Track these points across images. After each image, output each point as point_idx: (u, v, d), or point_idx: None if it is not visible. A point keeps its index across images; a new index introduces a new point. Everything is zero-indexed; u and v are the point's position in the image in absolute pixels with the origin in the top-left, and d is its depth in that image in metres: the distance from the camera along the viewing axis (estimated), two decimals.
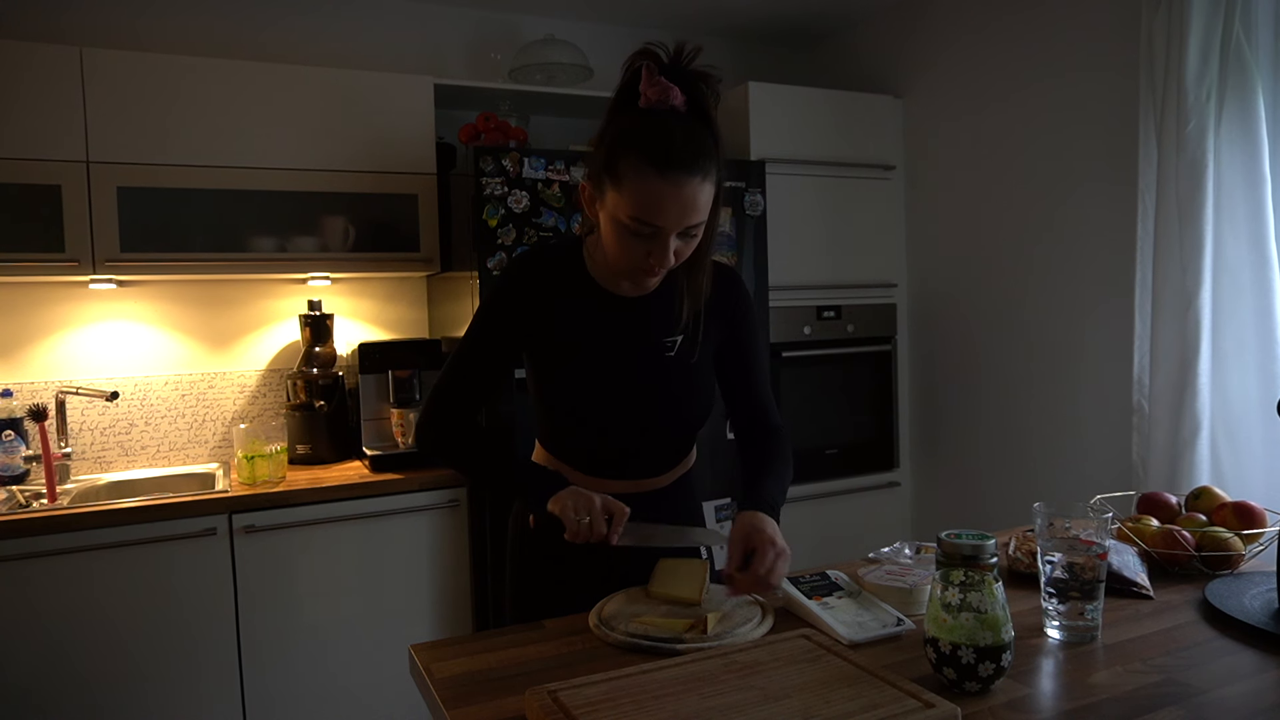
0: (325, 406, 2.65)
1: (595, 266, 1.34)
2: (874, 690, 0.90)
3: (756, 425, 1.44)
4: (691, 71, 1.21)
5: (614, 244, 1.23)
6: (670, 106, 1.19)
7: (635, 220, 1.18)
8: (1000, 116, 2.83)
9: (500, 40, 3.09)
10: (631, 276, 1.29)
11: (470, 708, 0.96)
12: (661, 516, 1.34)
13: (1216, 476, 2.11)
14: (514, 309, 1.33)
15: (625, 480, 1.38)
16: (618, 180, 1.18)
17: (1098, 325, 2.56)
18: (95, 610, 2.12)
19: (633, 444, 1.37)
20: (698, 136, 1.18)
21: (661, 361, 1.36)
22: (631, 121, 1.20)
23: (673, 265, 1.23)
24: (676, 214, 1.17)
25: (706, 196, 1.20)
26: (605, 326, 1.34)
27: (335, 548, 2.35)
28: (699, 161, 1.17)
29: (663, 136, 1.16)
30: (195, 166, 2.39)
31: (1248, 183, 2.05)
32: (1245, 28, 2.04)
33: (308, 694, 2.33)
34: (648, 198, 1.16)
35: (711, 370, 1.42)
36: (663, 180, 1.15)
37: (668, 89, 1.19)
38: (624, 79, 1.24)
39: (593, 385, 1.34)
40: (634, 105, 1.22)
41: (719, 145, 1.22)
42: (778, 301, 2.89)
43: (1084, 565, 1.09)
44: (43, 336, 2.57)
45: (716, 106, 1.24)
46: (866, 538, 3.03)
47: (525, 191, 2.38)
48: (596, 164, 1.22)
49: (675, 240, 1.20)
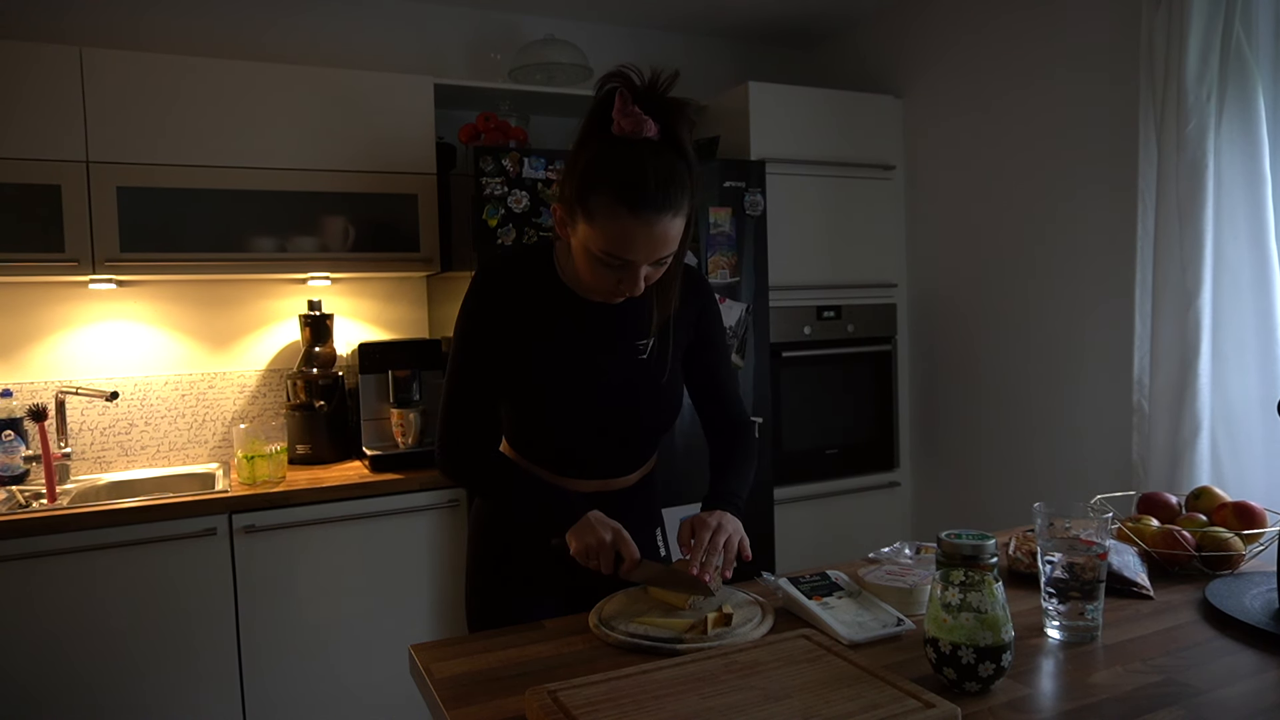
0: (325, 406, 2.65)
1: (566, 272, 1.34)
2: (874, 690, 0.90)
3: (723, 419, 1.48)
4: (668, 101, 1.19)
5: (585, 270, 1.24)
6: (643, 138, 1.17)
7: (606, 254, 1.18)
8: (1000, 116, 2.83)
9: (500, 40, 3.09)
10: (602, 296, 1.30)
11: (470, 708, 0.96)
12: (624, 515, 1.34)
13: (1216, 476, 2.11)
14: (489, 317, 1.33)
15: (592, 480, 1.41)
16: (589, 214, 1.17)
17: (1098, 325, 2.56)
18: (95, 610, 2.11)
19: (602, 445, 1.39)
20: (671, 170, 1.17)
21: (632, 365, 1.37)
22: (604, 153, 1.18)
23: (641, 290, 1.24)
24: (646, 249, 1.18)
25: (678, 229, 1.20)
26: (575, 330, 1.35)
27: (335, 548, 2.35)
28: (671, 198, 1.16)
29: (636, 174, 1.14)
30: (195, 166, 2.39)
31: (1248, 183, 2.05)
32: (1245, 28, 2.04)
33: (308, 694, 2.33)
34: (619, 235, 1.16)
35: (680, 372, 1.44)
36: (635, 220, 1.15)
37: (641, 121, 1.17)
38: (597, 100, 1.21)
39: (564, 388, 1.34)
40: (606, 129, 1.19)
41: (692, 173, 1.20)
42: (778, 301, 2.89)
43: (1084, 565, 1.09)
44: (42, 336, 2.57)
45: (692, 134, 1.22)
46: (866, 538, 3.03)
47: (525, 191, 2.39)
48: (569, 192, 1.21)
49: (646, 268, 1.21)
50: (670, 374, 1.40)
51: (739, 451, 1.45)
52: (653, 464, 1.51)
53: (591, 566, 1.25)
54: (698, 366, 1.47)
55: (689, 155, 1.21)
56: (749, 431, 1.48)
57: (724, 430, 1.48)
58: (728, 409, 1.49)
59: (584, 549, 1.24)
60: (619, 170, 1.15)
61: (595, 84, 1.22)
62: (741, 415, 1.49)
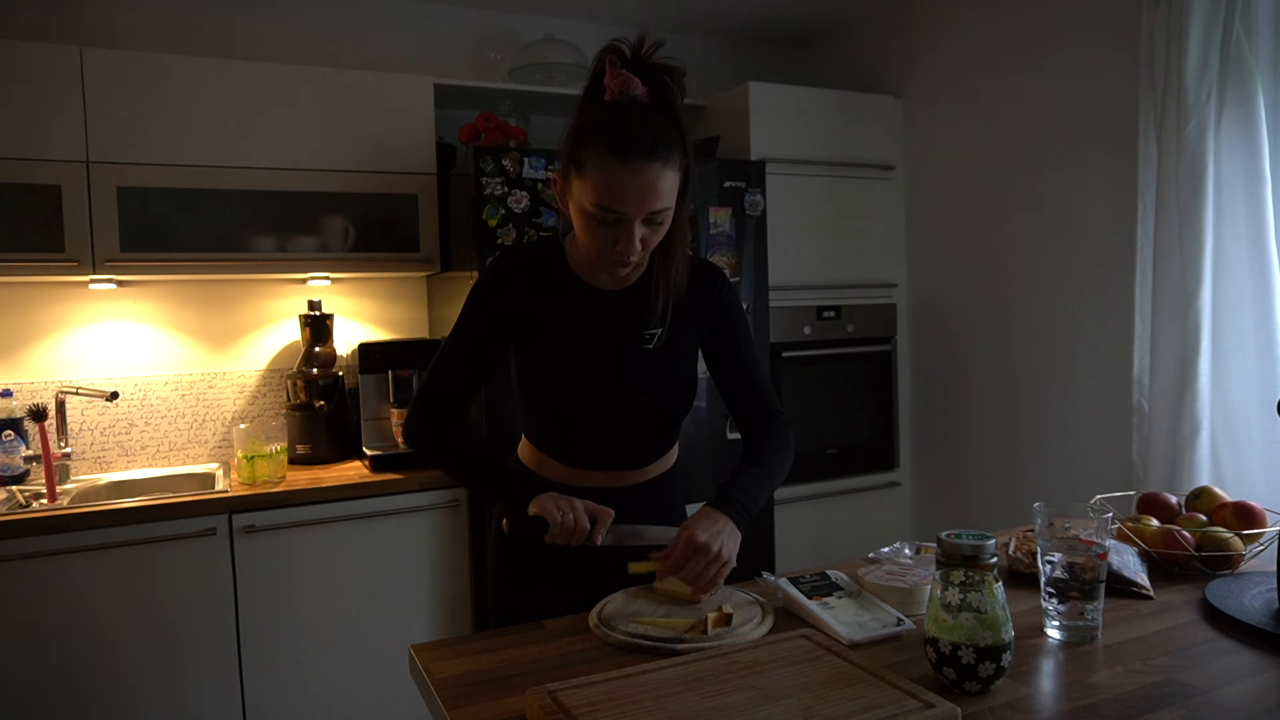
0: (325, 406, 2.65)
1: (575, 262, 1.38)
2: (874, 690, 0.90)
3: (754, 414, 1.44)
4: (653, 64, 1.25)
5: (584, 234, 1.27)
6: (632, 97, 1.23)
7: (599, 207, 1.21)
8: (1000, 116, 2.83)
9: (500, 40, 3.09)
10: (605, 268, 1.31)
11: (470, 708, 0.96)
12: (638, 511, 1.34)
13: (1216, 476, 2.11)
14: (496, 306, 1.36)
15: (604, 472, 1.41)
16: (581, 169, 1.22)
17: (1098, 325, 2.56)
18: (95, 610, 2.11)
19: (611, 435, 1.39)
20: (657, 124, 1.22)
21: (641, 353, 1.38)
22: (594, 113, 1.24)
23: (640, 253, 1.26)
24: (637, 199, 1.20)
25: (669, 184, 1.23)
26: (585, 319, 1.37)
27: (335, 548, 2.35)
28: (657, 148, 1.20)
29: (621, 124, 1.20)
30: (195, 166, 2.39)
31: (1248, 183, 2.05)
32: (1245, 27, 2.04)
33: (308, 694, 2.33)
34: (608, 183, 1.20)
35: (692, 363, 1.43)
36: (622, 166, 1.19)
37: (628, 80, 1.23)
38: (592, 74, 1.29)
39: (573, 377, 1.36)
40: (601, 99, 1.26)
41: (684, 135, 1.25)
42: (778, 301, 2.89)
43: (1084, 565, 1.09)
44: (42, 336, 2.57)
45: (682, 97, 1.27)
46: (866, 538, 3.03)
47: (525, 191, 2.39)
48: (564, 154, 1.26)
49: (641, 227, 1.23)
50: (679, 362, 1.39)
51: (764, 443, 1.40)
52: (672, 460, 1.49)
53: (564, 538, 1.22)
54: (720, 359, 1.44)
55: (679, 115, 1.25)
56: (778, 422, 1.43)
57: (752, 423, 1.44)
58: (758, 403, 1.44)
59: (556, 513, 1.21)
60: (608, 123, 1.21)
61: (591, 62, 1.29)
62: (771, 406, 1.44)
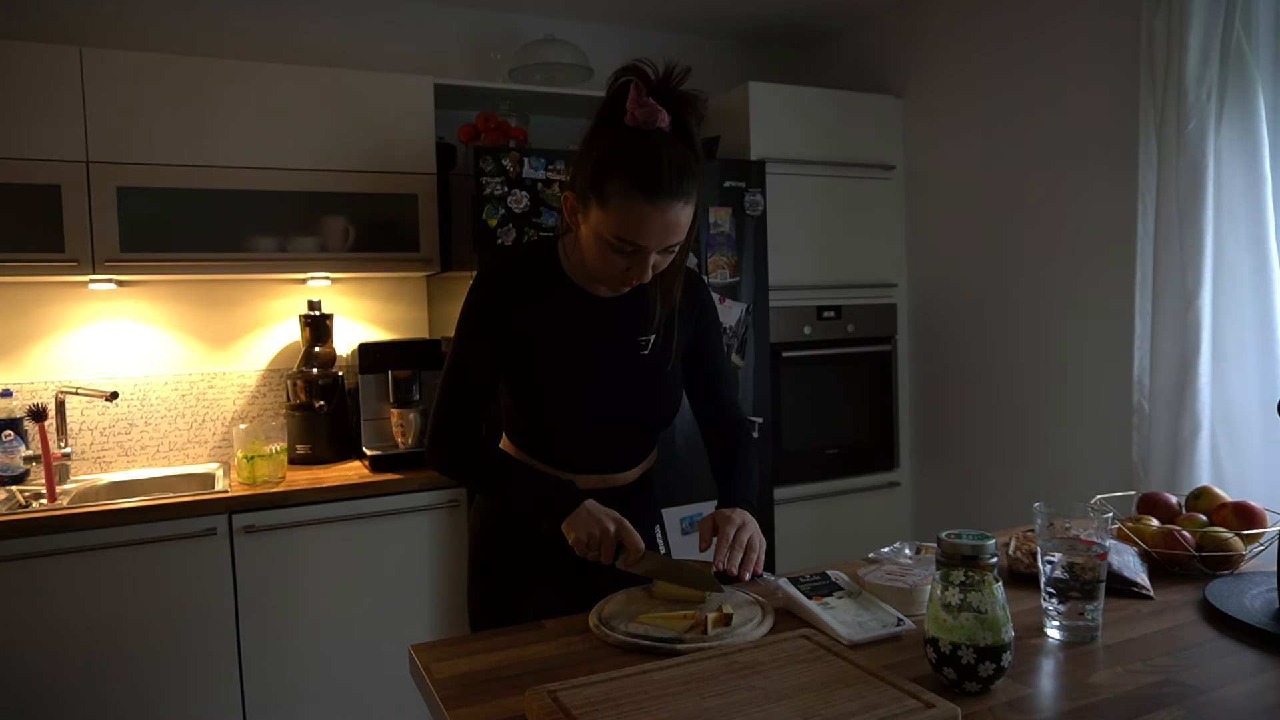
0: (325, 406, 2.65)
1: (571, 266, 1.37)
2: (874, 690, 0.90)
3: (722, 420, 1.51)
4: (680, 93, 1.24)
5: (595, 256, 1.27)
6: (656, 128, 1.22)
7: (619, 239, 1.22)
8: (1000, 116, 2.83)
9: (500, 40, 3.09)
10: (608, 285, 1.32)
11: (470, 708, 0.96)
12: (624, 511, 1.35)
13: (1216, 476, 2.11)
14: (493, 312, 1.35)
15: (592, 475, 1.41)
16: (604, 199, 1.21)
17: (1098, 325, 2.56)
18: (95, 610, 2.11)
19: (602, 440, 1.40)
20: (683, 160, 1.21)
21: (634, 359, 1.39)
22: (619, 141, 1.22)
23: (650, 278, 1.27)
24: (659, 236, 1.22)
25: (687, 217, 1.24)
26: (579, 324, 1.37)
27: (335, 548, 2.35)
28: (683, 186, 1.20)
29: (651, 162, 1.19)
30: (195, 166, 2.39)
31: (1248, 183, 2.05)
32: (1245, 28, 2.04)
33: (308, 694, 2.33)
34: (633, 220, 1.20)
35: (680, 368, 1.46)
36: (649, 205, 1.19)
37: (655, 111, 1.21)
38: (610, 92, 1.26)
39: (565, 381, 1.36)
40: (619, 121, 1.24)
41: (700, 165, 1.25)
42: (778, 301, 2.89)
43: (1084, 565, 1.09)
44: (42, 336, 2.57)
45: (700, 126, 1.28)
46: (866, 538, 3.03)
47: (525, 191, 2.39)
48: (582, 179, 1.24)
49: (655, 256, 1.24)
50: (672, 369, 1.42)
51: (740, 452, 1.47)
52: (653, 460, 1.53)
53: (590, 557, 1.25)
54: (696, 367, 1.48)
55: (698, 147, 1.26)
56: (747, 431, 1.51)
57: (722, 431, 1.50)
58: (725, 410, 1.51)
59: (585, 539, 1.25)
60: (635, 157, 1.19)
61: (608, 79, 1.27)
62: (739, 415, 1.52)
